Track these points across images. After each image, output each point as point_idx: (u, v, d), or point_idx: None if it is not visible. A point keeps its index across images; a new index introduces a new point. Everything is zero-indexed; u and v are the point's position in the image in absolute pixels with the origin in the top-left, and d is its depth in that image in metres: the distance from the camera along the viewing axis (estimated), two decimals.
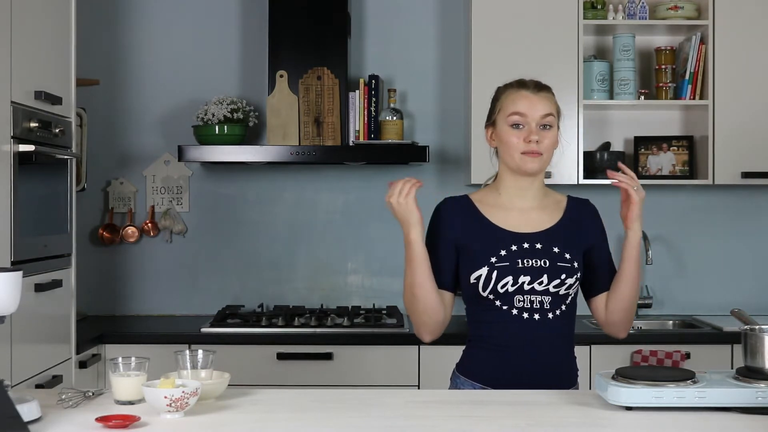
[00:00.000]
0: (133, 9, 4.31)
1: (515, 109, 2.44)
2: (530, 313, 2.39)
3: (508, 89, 2.50)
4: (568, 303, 2.43)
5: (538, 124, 2.42)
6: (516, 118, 2.43)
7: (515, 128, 2.43)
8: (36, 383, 3.03)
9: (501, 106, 2.48)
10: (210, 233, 4.31)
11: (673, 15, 4.04)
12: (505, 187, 2.50)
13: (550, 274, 2.38)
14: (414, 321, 2.49)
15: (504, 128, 2.45)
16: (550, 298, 2.39)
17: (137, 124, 4.31)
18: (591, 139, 4.19)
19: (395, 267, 4.28)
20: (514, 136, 2.43)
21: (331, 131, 4.04)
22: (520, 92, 2.46)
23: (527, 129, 2.42)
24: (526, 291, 2.38)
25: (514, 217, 2.46)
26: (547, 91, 2.48)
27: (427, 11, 4.32)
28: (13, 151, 2.86)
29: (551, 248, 2.41)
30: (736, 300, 4.09)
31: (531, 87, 2.47)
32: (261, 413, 2.05)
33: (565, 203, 2.53)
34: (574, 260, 2.42)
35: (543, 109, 2.43)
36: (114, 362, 2.11)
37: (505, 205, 2.49)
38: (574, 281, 2.42)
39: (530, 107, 2.43)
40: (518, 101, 2.44)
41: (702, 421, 1.96)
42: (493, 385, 2.38)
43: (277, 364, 3.68)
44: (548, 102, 2.46)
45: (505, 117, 2.45)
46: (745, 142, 3.96)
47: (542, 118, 2.43)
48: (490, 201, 2.50)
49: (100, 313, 4.28)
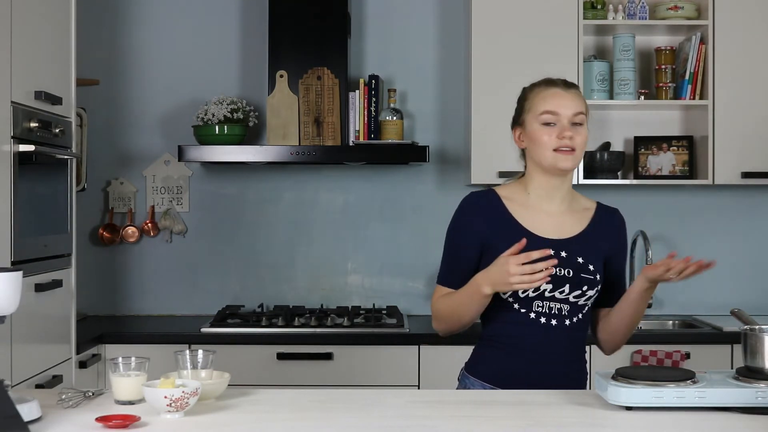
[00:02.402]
0: (133, 9, 4.31)
1: (546, 107, 2.40)
2: (548, 318, 2.38)
3: (537, 88, 2.46)
4: (585, 312, 2.43)
5: (570, 122, 2.39)
6: (548, 116, 2.39)
7: (547, 126, 2.40)
8: (36, 383, 3.03)
9: (530, 105, 2.44)
10: (210, 233, 4.31)
11: (673, 15, 4.04)
12: (535, 188, 2.45)
13: (572, 285, 2.37)
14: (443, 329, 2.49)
15: (535, 126, 2.41)
16: (569, 306, 2.39)
17: (137, 124, 4.31)
18: (591, 139, 4.09)
19: (395, 267, 4.30)
20: (545, 134, 2.39)
21: (331, 131, 4.04)
22: (550, 90, 2.43)
23: (559, 126, 2.39)
24: (546, 298, 2.37)
25: (541, 221, 2.43)
26: (577, 89, 2.46)
27: (427, 11, 4.32)
28: (13, 151, 2.86)
29: (576, 258, 2.39)
30: (736, 300, 4.08)
31: (560, 85, 2.44)
32: (261, 413, 2.05)
33: (593, 211, 2.49)
34: (597, 272, 2.41)
35: (574, 106, 2.40)
36: (114, 362, 2.11)
37: (534, 207, 2.45)
38: (595, 293, 2.41)
39: (562, 105, 2.40)
40: (549, 99, 2.41)
41: (702, 421, 1.96)
42: (504, 386, 2.37)
43: (277, 364, 3.68)
44: (579, 100, 2.43)
45: (537, 116, 2.41)
46: (745, 142, 3.96)
47: (574, 116, 2.40)
48: (519, 200, 2.46)
49: (100, 313, 4.28)
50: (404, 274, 4.29)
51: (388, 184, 4.31)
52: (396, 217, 4.30)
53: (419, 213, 4.24)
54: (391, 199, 4.31)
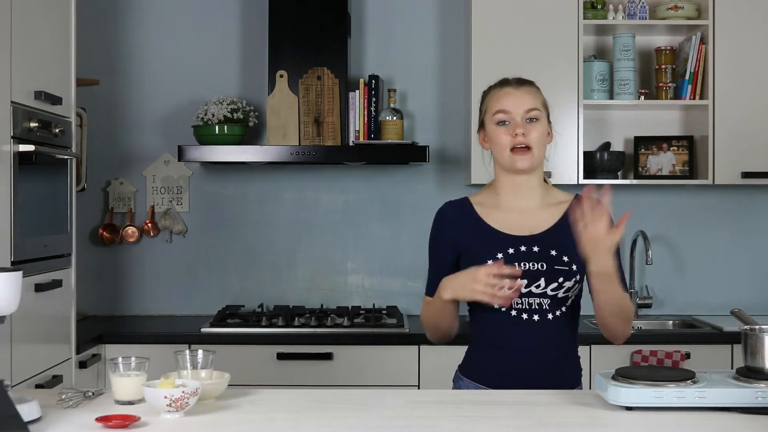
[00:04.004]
0: (133, 9, 4.30)
1: (499, 106, 2.44)
2: (529, 314, 2.39)
3: (492, 89, 2.51)
4: (568, 305, 2.42)
5: (523, 119, 2.42)
6: (501, 115, 2.44)
7: (501, 125, 2.43)
8: (36, 383, 3.03)
9: (487, 106, 2.49)
10: (210, 233, 4.31)
11: (673, 15, 4.04)
12: (502, 188, 2.49)
13: (547, 278, 2.37)
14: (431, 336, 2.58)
15: (491, 127, 2.46)
16: (548, 300, 2.39)
17: (137, 124, 4.31)
18: (591, 139, 4.19)
19: (395, 267, 4.29)
20: (501, 134, 2.43)
21: (331, 131, 4.04)
22: (503, 90, 2.47)
23: (513, 124, 2.42)
24: (523, 294, 2.37)
25: (512, 219, 2.45)
26: (530, 86, 2.48)
27: (427, 11, 4.32)
28: (13, 151, 2.86)
29: (548, 251, 2.40)
30: (736, 300, 4.08)
31: (513, 83, 2.48)
32: (261, 413, 2.05)
33: (569, 203, 2.48)
34: (573, 263, 2.39)
35: (526, 103, 2.43)
36: (114, 362, 2.11)
37: (504, 207, 2.48)
38: (573, 284, 2.40)
39: (513, 103, 2.43)
40: (501, 98, 2.45)
41: (702, 421, 1.96)
42: (496, 386, 2.38)
43: (277, 364, 3.68)
44: (531, 96, 2.45)
45: (491, 116, 2.45)
46: (745, 142, 3.96)
47: (527, 112, 2.43)
48: (490, 203, 2.50)
49: (100, 313, 4.28)
50: (404, 274, 4.29)
51: (388, 184, 4.31)
52: (396, 217, 4.30)
53: (419, 213, 4.24)
54: (390, 199, 4.31)
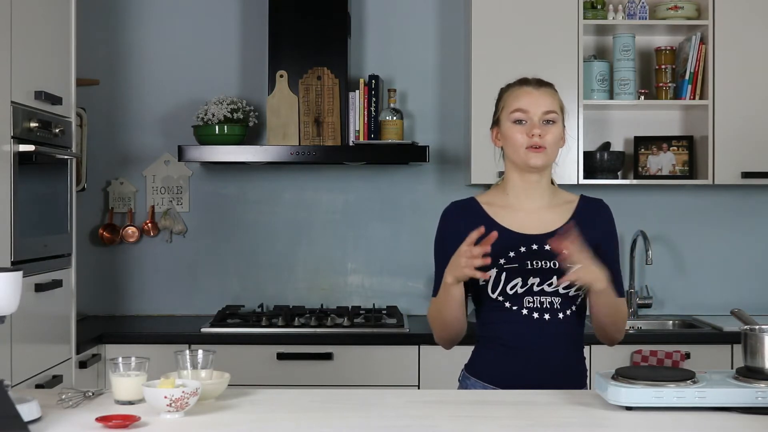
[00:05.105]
0: (132, 9, 4.30)
1: (518, 105, 2.45)
2: (540, 313, 2.39)
3: (511, 87, 2.51)
4: (578, 303, 2.43)
5: (541, 120, 2.43)
6: (518, 114, 2.44)
7: (518, 124, 2.44)
8: (36, 383, 3.03)
9: (504, 104, 2.50)
10: (210, 233, 4.31)
11: (673, 15, 4.04)
12: (513, 187, 2.50)
13: (559, 276, 2.37)
14: (439, 337, 2.52)
15: (507, 125, 2.46)
16: (560, 299, 2.39)
17: (137, 124, 4.31)
18: (591, 139, 4.19)
19: (395, 267, 4.29)
20: (517, 132, 2.43)
21: (331, 131, 4.04)
22: (522, 89, 2.48)
23: (530, 124, 2.43)
24: (535, 292, 2.38)
25: (522, 218, 2.46)
26: (549, 87, 2.49)
27: (427, 11, 4.32)
28: (13, 151, 2.86)
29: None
30: (736, 300, 4.09)
31: (533, 83, 2.49)
32: (261, 413, 2.05)
33: (576, 203, 2.51)
34: None
35: (545, 104, 2.44)
36: (114, 362, 2.11)
37: (513, 206, 2.49)
38: None
39: (532, 103, 2.44)
40: (520, 97, 2.46)
41: (702, 421, 1.96)
42: (503, 385, 2.38)
43: (277, 364, 3.68)
44: (550, 98, 2.46)
45: (508, 114, 2.46)
46: (745, 142, 3.96)
47: (544, 114, 2.43)
48: (498, 202, 2.50)
49: (100, 313, 4.28)
50: (404, 274, 4.29)
51: (388, 184, 4.31)
52: (396, 217, 4.30)
53: (419, 213, 4.24)
54: (390, 199, 4.31)
